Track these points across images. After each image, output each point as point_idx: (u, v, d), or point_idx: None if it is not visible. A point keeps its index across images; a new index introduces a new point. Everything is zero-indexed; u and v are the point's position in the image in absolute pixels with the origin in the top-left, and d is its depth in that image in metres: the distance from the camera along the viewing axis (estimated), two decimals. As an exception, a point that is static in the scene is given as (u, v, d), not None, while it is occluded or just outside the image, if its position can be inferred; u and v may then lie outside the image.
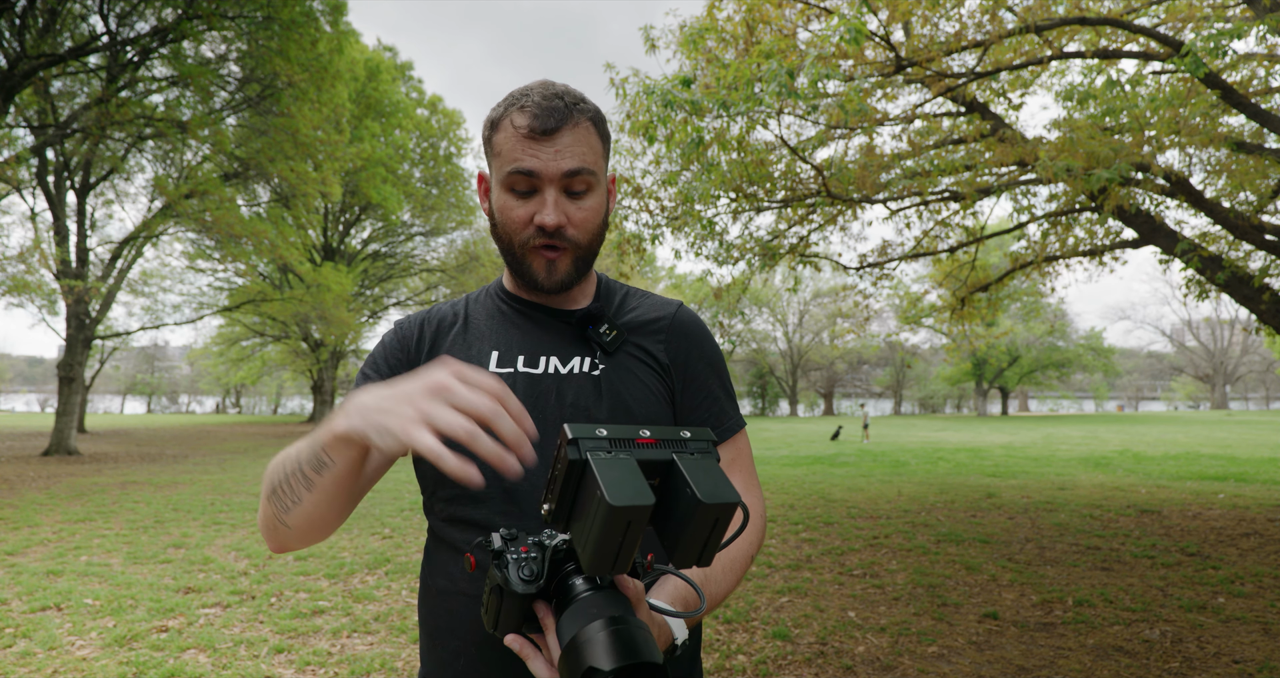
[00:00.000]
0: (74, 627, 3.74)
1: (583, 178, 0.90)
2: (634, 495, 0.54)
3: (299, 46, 12.86)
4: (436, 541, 0.94)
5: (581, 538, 0.59)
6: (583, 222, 0.93)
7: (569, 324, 0.99)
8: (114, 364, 53.19)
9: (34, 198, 15.12)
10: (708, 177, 5.86)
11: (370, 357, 1.02)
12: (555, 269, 0.94)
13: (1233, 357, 55.04)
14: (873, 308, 9.75)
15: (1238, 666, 3.23)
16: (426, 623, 0.93)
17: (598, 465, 0.57)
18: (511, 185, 0.90)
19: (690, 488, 0.57)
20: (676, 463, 0.60)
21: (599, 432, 0.61)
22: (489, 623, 0.69)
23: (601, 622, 0.59)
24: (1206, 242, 7.14)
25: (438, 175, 25.59)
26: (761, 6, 5.54)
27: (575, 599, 0.64)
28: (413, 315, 1.05)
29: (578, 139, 0.90)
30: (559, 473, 0.61)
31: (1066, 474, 10.49)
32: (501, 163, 0.91)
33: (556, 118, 0.88)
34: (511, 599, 0.66)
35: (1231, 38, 4.03)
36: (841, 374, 53.25)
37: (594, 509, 0.55)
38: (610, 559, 0.57)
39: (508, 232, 0.93)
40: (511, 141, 0.89)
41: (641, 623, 0.62)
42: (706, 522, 0.58)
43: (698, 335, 1.06)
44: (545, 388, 0.94)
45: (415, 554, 5.40)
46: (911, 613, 4.02)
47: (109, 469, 11.31)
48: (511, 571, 0.66)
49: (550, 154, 0.88)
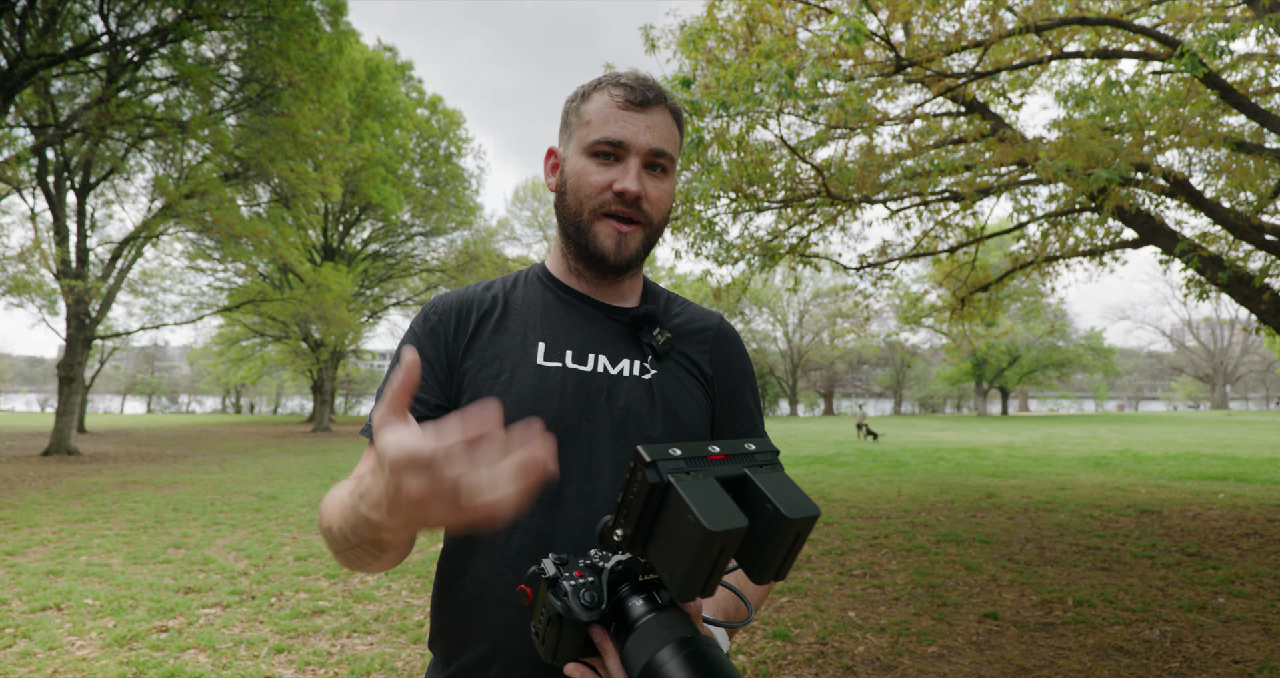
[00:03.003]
0: (74, 627, 3.74)
1: (665, 159, 0.92)
2: (729, 519, 0.53)
3: (299, 46, 12.86)
4: (465, 545, 0.89)
5: (670, 563, 0.56)
6: (658, 200, 0.92)
7: (620, 323, 0.97)
8: (114, 364, 53.21)
9: (34, 198, 15.13)
10: (708, 177, 5.86)
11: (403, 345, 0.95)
12: (626, 244, 0.91)
13: (1233, 357, 55.02)
14: (873, 308, 9.75)
15: (1238, 666, 3.23)
16: (454, 627, 0.87)
17: (684, 489, 0.55)
18: (596, 151, 0.90)
19: (772, 503, 0.56)
20: (751, 479, 0.59)
21: (672, 451, 0.58)
22: (547, 654, 0.66)
23: (674, 646, 0.58)
24: (1206, 242, 7.13)
25: (438, 175, 25.59)
26: (761, 6, 5.54)
27: (639, 623, 0.62)
28: (440, 302, 0.98)
29: (666, 122, 0.92)
30: (635, 497, 0.58)
31: (1066, 474, 10.49)
32: (589, 131, 0.91)
33: (653, 94, 0.91)
34: (572, 628, 0.63)
35: (1228, 38, 4.03)
36: (841, 374, 53.23)
37: (687, 535, 0.53)
38: (701, 584, 0.56)
39: (581, 197, 0.91)
40: (606, 111, 0.90)
41: (712, 640, 0.61)
42: (789, 536, 0.57)
43: (739, 349, 1.06)
44: (595, 388, 0.90)
45: (415, 554, 5.39)
46: (911, 613, 4.02)
47: (109, 469, 11.31)
48: (571, 599, 0.63)
49: (641, 127, 0.90)
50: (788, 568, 0.59)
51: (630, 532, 0.59)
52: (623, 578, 0.65)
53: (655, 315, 0.95)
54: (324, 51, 13.63)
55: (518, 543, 0.85)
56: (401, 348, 0.94)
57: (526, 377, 0.90)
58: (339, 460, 13.28)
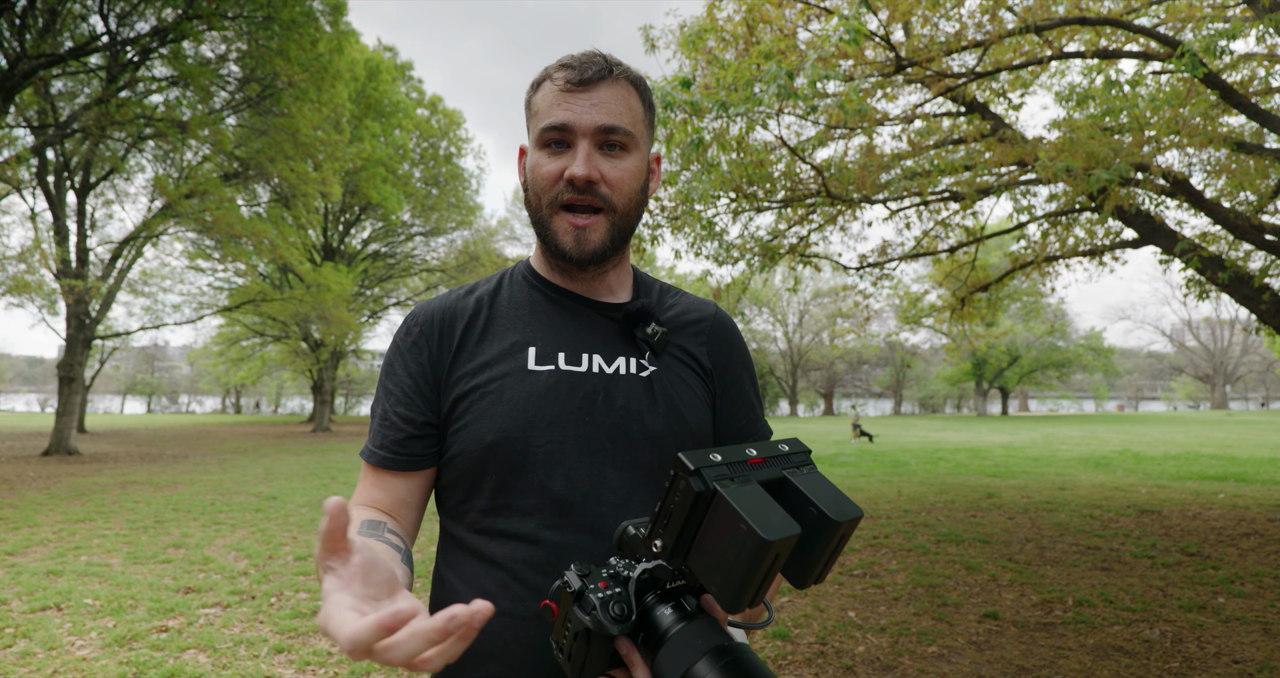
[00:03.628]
0: (74, 627, 3.73)
1: (619, 136, 0.84)
2: (783, 527, 0.52)
3: (299, 46, 12.86)
4: (466, 552, 0.85)
5: (719, 574, 0.55)
6: (618, 181, 0.85)
7: (613, 320, 0.93)
8: (114, 364, 53.19)
9: (34, 198, 15.14)
10: (708, 177, 5.85)
11: (388, 364, 0.92)
12: (586, 239, 0.86)
13: (1233, 357, 55.02)
14: (873, 308, 9.75)
15: (1238, 666, 3.23)
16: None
17: (732, 497, 0.53)
18: (546, 141, 0.85)
19: (816, 507, 0.55)
20: (791, 481, 0.58)
21: (713, 457, 0.57)
22: (574, 671, 0.63)
23: (711, 656, 0.57)
24: (1206, 242, 7.13)
25: (438, 175, 25.60)
26: (761, 6, 5.54)
27: (669, 634, 0.60)
28: (422, 312, 0.94)
29: (616, 96, 0.85)
30: (678, 506, 0.56)
31: (1066, 474, 10.49)
32: (538, 121, 0.86)
33: (595, 70, 0.84)
34: (600, 643, 0.61)
35: (1228, 38, 4.03)
36: (841, 374, 53.23)
37: (739, 544, 0.52)
38: (753, 594, 0.54)
39: (538, 191, 0.86)
40: (551, 97, 0.85)
41: (746, 647, 0.59)
42: (834, 539, 0.56)
43: (736, 339, 1.02)
44: (592, 389, 0.86)
45: (415, 554, 5.39)
46: (911, 613, 4.02)
47: (109, 469, 11.31)
48: (600, 613, 0.60)
49: (586, 107, 0.83)
50: (829, 570, 0.58)
51: (671, 542, 0.57)
52: (649, 587, 0.63)
53: (650, 310, 0.92)
54: (324, 51, 13.63)
55: (524, 555, 0.82)
56: (386, 366, 0.93)
57: (518, 384, 0.86)
58: (339, 461, 13.28)
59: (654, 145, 0.97)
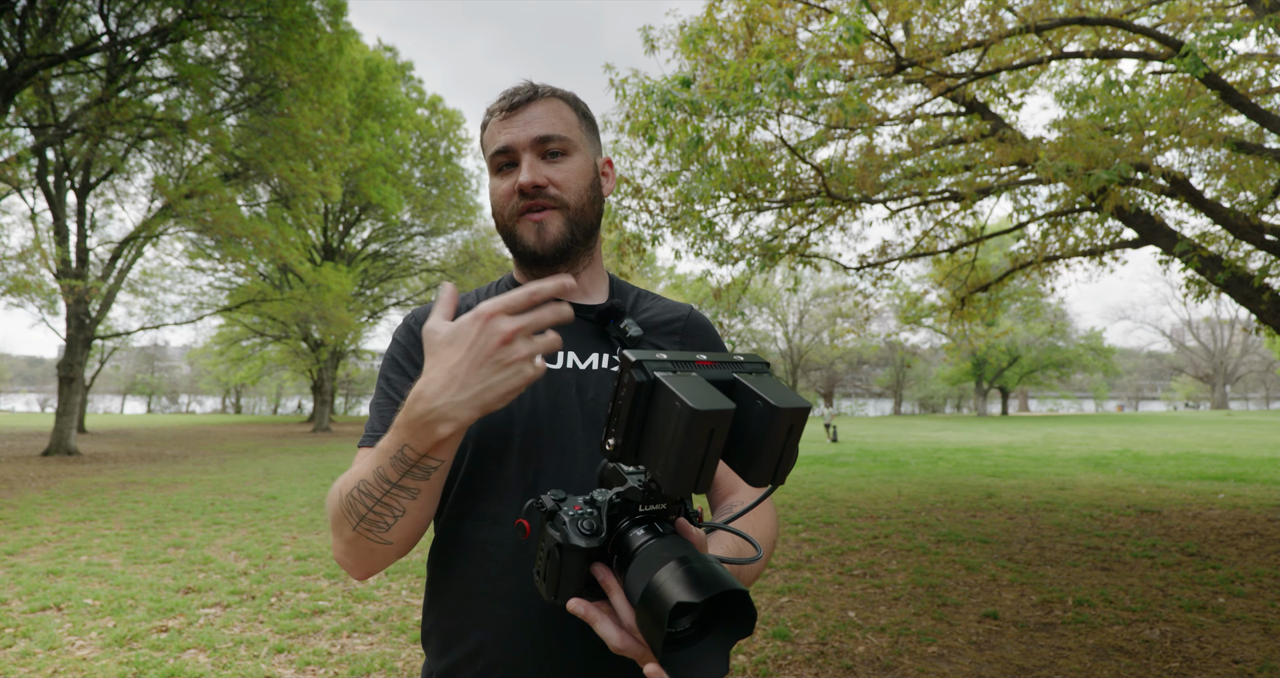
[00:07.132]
0: (74, 627, 3.74)
1: (556, 142, 0.93)
2: (715, 401, 0.53)
3: (299, 46, 12.86)
4: (449, 541, 0.91)
5: (659, 458, 0.57)
6: (564, 181, 0.93)
7: (587, 320, 0.98)
8: (114, 364, 53.19)
9: (34, 198, 15.13)
10: (707, 177, 5.85)
11: (390, 358, 0.99)
12: (545, 230, 0.92)
13: (1233, 357, 55.02)
14: (873, 308, 9.76)
15: (1238, 666, 3.23)
16: (440, 628, 0.89)
17: (670, 381, 0.55)
18: (497, 166, 0.94)
19: (762, 398, 0.56)
20: (740, 381, 0.59)
21: (659, 355, 0.59)
22: (548, 590, 0.66)
23: (674, 563, 0.58)
24: (1206, 242, 7.14)
25: (438, 175, 25.59)
26: (761, 6, 5.54)
27: (638, 552, 0.62)
28: (421, 312, 1.02)
29: (548, 111, 0.94)
30: (624, 401, 0.58)
31: (1066, 474, 10.49)
32: (487, 152, 0.95)
33: (524, 94, 0.94)
34: (572, 557, 0.63)
35: (1231, 38, 4.03)
36: (841, 374, 53.23)
37: (674, 422, 0.54)
38: (694, 474, 0.55)
39: (498, 209, 0.95)
40: (493, 129, 0.94)
41: (714, 558, 0.61)
42: (782, 429, 0.56)
43: (711, 335, 1.07)
44: (564, 382, 0.93)
45: (415, 554, 5.39)
46: (911, 613, 4.02)
47: (109, 469, 11.31)
48: (570, 527, 0.63)
49: (521, 125, 0.92)
50: (785, 471, 0.58)
51: (620, 440, 0.59)
52: (623, 512, 0.66)
53: (620, 309, 0.98)
54: (324, 51, 13.63)
55: (498, 538, 0.86)
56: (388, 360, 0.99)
57: None
58: (339, 460, 13.28)
59: (603, 153, 1.05)
